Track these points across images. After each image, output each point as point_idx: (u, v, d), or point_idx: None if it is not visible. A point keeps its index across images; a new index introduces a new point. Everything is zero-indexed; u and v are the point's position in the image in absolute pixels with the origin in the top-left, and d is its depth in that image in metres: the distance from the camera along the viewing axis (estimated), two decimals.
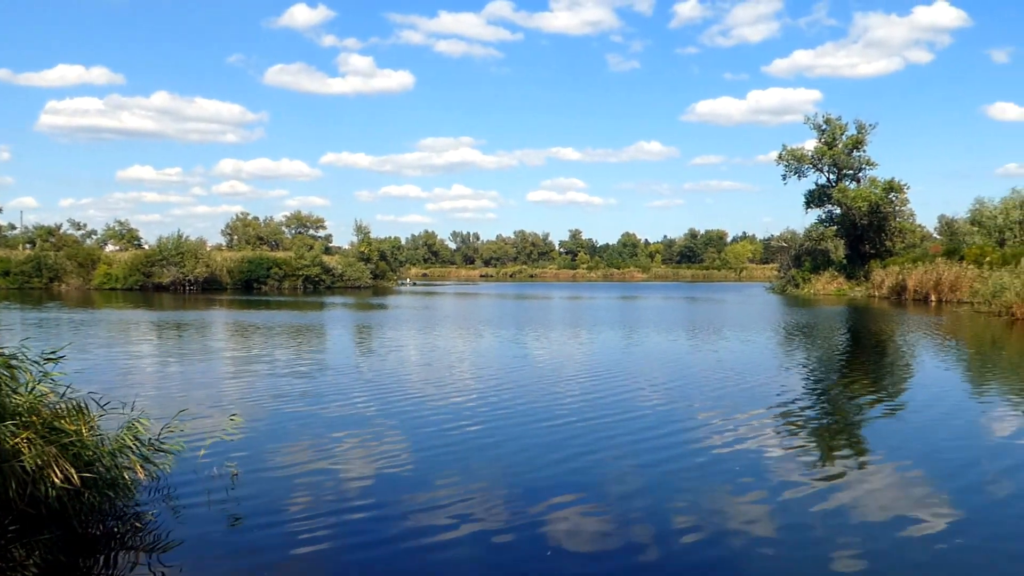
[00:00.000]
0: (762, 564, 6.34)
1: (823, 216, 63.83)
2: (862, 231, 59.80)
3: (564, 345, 23.00)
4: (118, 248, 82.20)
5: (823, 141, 61.47)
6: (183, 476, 8.20)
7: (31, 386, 6.73)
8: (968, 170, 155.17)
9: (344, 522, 7.13)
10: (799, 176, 62.70)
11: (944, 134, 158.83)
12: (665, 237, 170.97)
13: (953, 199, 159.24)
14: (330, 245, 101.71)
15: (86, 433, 6.76)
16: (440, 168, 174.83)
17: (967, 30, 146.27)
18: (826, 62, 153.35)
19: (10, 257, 67.59)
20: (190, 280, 62.31)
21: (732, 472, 8.76)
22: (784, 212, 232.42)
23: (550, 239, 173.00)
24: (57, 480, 6.08)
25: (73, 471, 6.19)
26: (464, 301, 53.52)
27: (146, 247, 75.09)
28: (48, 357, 7.25)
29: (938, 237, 77.50)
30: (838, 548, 6.57)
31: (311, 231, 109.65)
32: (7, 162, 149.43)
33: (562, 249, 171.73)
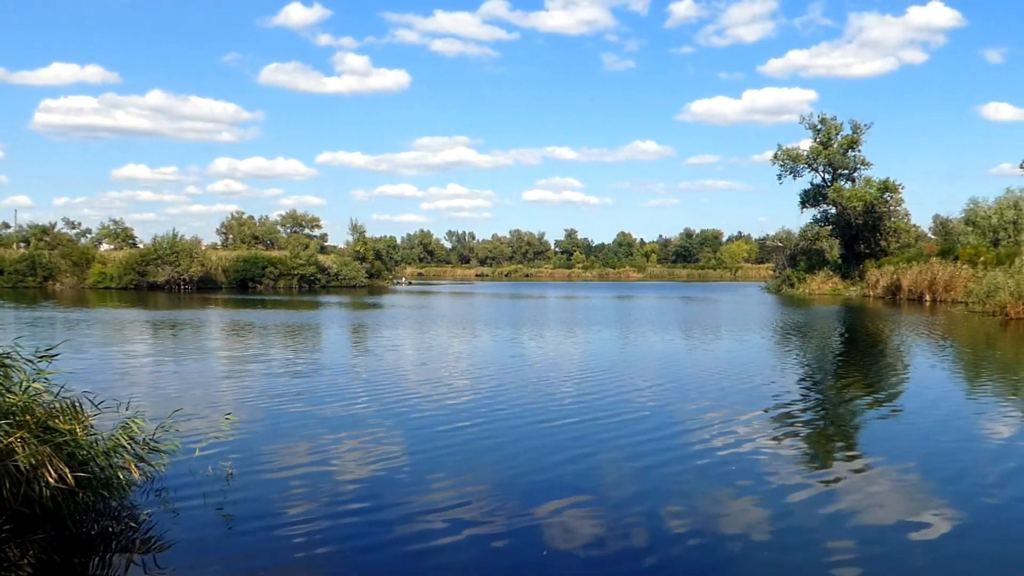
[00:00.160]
0: (759, 566, 6.34)
1: (818, 216, 64.13)
2: (857, 231, 59.98)
3: (560, 345, 23.00)
4: (113, 247, 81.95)
5: (818, 141, 61.61)
6: (178, 476, 8.18)
7: (25, 385, 6.70)
8: (962, 170, 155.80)
9: (339, 523, 7.12)
10: (794, 176, 62.94)
11: (939, 134, 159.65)
12: (661, 237, 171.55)
13: (947, 199, 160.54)
14: (325, 244, 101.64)
15: (80, 432, 6.74)
16: (436, 167, 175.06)
17: (961, 30, 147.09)
18: (821, 62, 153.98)
19: (4, 256, 67.30)
20: (185, 279, 62.16)
21: (728, 474, 8.77)
22: (779, 212, 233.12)
23: (546, 238, 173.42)
24: (51, 480, 6.06)
25: (67, 471, 6.17)
26: (460, 301, 53.50)
27: (141, 246, 74.73)
28: (42, 356, 7.23)
29: (933, 237, 77.76)
30: (835, 551, 6.58)
31: (306, 230, 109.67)
32: (1, 160, 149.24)
33: (558, 249, 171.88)
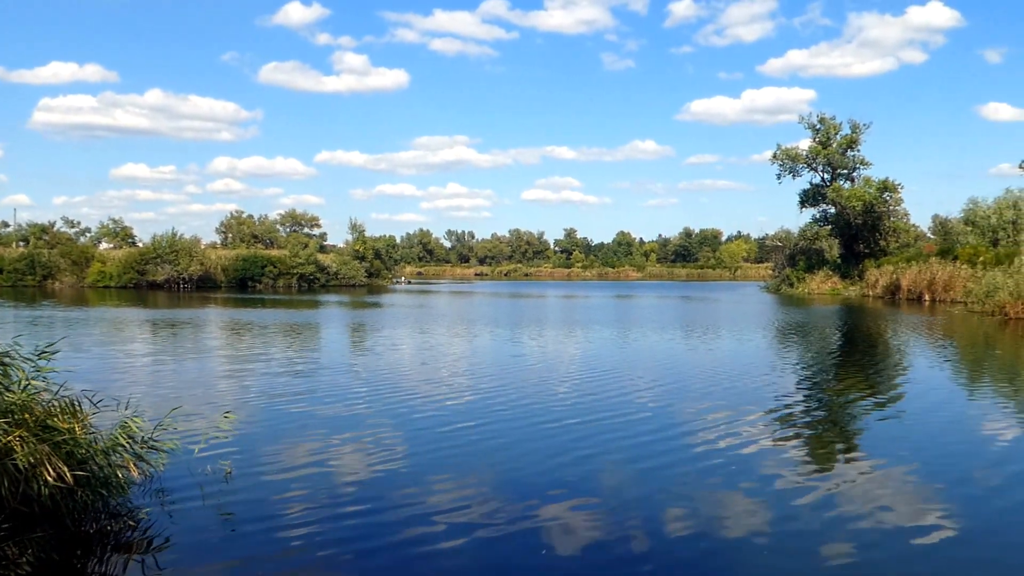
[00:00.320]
0: (757, 566, 6.35)
1: (817, 215, 64.14)
2: (856, 230, 59.98)
3: (560, 344, 23.00)
4: (112, 246, 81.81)
5: (817, 141, 61.60)
6: (177, 474, 8.18)
7: (24, 384, 6.70)
8: (962, 170, 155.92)
9: (339, 523, 7.12)
10: (793, 175, 62.90)
11: (938, 134, 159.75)
12: (660, 236, 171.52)
13: (947, 199, 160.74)
14: (325, 244, 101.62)
15: (79, 431, 6.75)
16: (435, 167, 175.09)
17: (961, 30, 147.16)
18: (820, 62, 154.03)
19: (3, 255, 67.30)
20: (184, 278, 62.16)
21: (729, 475, 8.76)
22: (779, 211, 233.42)
23: (545, 238, 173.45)
24: (50, 478, 6.06)
25: (66, 469, 6.17)
26: (459, 300, 53.49)
27: (140, 245, 74.78)
28: (41, 354, 7.23)
29: (932, 237, 77.75)
30: (831, 545, 6.59)
31: (306, 229, 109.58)
32: (0, 159, 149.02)
33: (557, 248, 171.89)
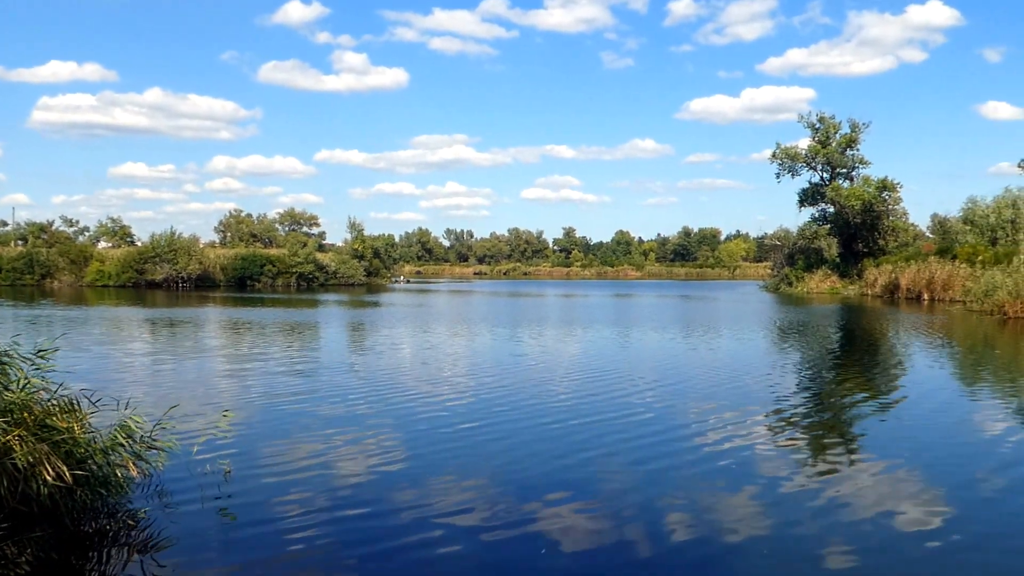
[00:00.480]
0: (756, 562, 6.35)
1: (816, 214, 64.26)
2: (855, 229, 60.02)
3: (560, 344, 23.00)
4: (111, 245, 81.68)
5: (817, 140, 61.65)
6: (176, 473, 8.17)
7: (23, 383, 6.69)
8: (961, 169, 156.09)
9: (337, 520, 7.11)
10: (793, 174, 62.98)
11: (937, 133, 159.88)
12: (659, 235, 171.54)
13: (946, 198, 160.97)
14: (323, 242, 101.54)
15: (78, 430, 6.73)
16: (434, 165, 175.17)
17: (960, 29, 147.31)
18: (820, 60, 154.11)
19: (2, 254, 67.16)
20: (183, 277, 62.12)
21: (727, 470, 8.78)
22: (778, 210, 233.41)
23: (544, 237, 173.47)
24: (49, 477, 6.05)
25: (65, 468, 6.16)
26: (458, 299, 53.49)
27: (139, 244, 74.74)
28: (40, 353, 7.21)
29: (931, 236, 77.63)
30: (832, 546, 6.59)
31: (304, 228, 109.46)
32: None
33: (556, 247, 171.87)
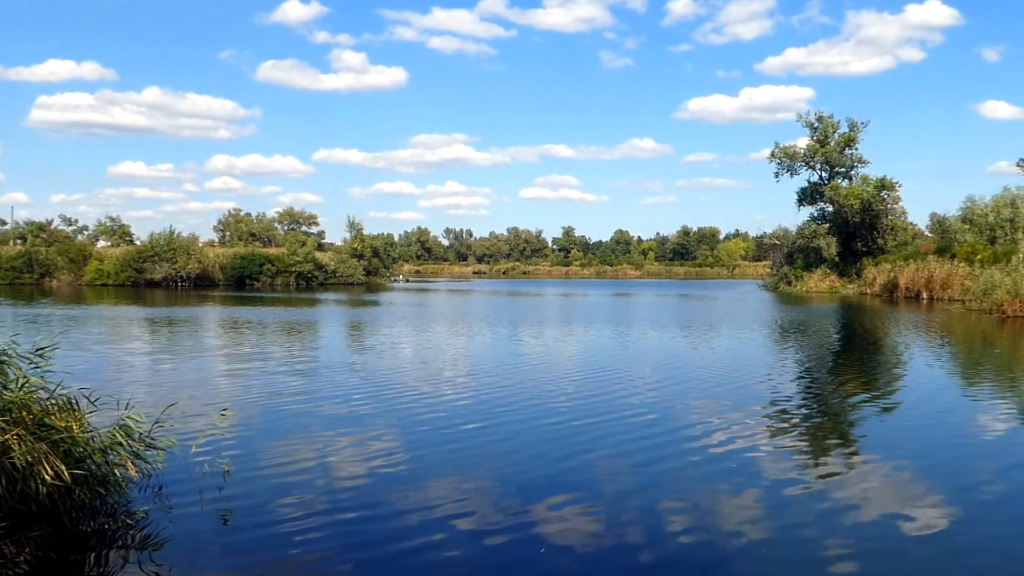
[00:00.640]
0: (756, 563, 6.35)
1: (815, 214, 64.30)
2: (854, 229, 60.05)
3: (559, 343, 23.00)
4: (110, 244, 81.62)
5: (815, 139, 61.66)
6: (175, 473, 8.16)
7: (21, 382, 6.68)
8: (959, 168, 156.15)
9: (336, 520, 7.10)
10: (791, 174, 62.98)
11: (936, 132, 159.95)
12: (658, 234, 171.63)
13: (945, 197, 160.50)
14: (323, 242, 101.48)
15: (77, 429, 6.73)
16: (433, 165, 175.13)
17: (959, 28, 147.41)
18: (818, 60, 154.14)
19: (1, 253, 67.18)
20: (182, 276, 62.10)
21: (727, 470, 8.77)
22: (777, 210, 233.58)
23: (543, 236, 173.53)
24: (47, 477, 6.05)
25: (64, 468, 6.16)
26: (457, 298, 53.48)
27: (138, 243, 74.69)
28: (39, 352, 7.21)
29: (930, 235, 77.60)
30: (833, 547, 6.58)
31: (304, 227, 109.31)
32: None
33: (555, 246, 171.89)
